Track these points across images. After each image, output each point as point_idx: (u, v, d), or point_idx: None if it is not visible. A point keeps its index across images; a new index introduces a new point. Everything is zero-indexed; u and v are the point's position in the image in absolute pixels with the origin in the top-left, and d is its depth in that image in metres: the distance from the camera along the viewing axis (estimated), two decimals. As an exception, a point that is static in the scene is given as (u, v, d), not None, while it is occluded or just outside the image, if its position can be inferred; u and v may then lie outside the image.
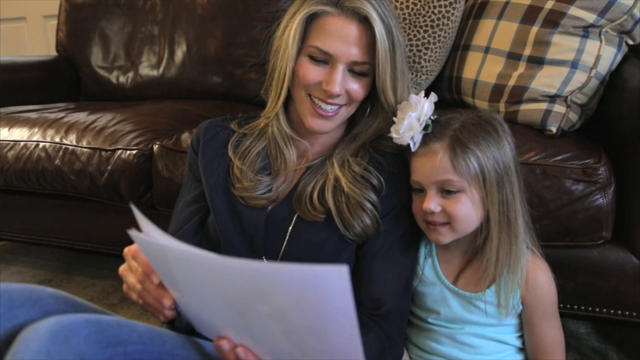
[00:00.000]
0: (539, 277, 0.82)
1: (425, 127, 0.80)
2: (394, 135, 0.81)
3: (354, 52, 0.79)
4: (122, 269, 0.71)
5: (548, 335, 0.84)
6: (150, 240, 0.53)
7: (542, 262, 0.85)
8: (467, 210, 0.79)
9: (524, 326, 0.86)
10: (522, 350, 0.88)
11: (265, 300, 0.50)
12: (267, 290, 0.48)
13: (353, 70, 0.81)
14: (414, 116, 0.79)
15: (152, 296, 0.66)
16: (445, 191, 0.79)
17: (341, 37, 0.78)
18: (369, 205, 0.82)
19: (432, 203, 0.79)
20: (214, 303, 0.55)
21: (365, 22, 0.78)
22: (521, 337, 0.87)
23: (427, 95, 0.82)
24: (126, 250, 0.70)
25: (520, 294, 0.82)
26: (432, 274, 0.87)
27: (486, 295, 0.83)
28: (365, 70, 0.82)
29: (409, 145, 0.81)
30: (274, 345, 0.56)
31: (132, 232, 0.53)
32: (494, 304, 0.83)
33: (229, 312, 0.55)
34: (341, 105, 0.83)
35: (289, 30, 0.81)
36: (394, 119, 0.82)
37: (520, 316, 0.86)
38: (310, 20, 0.81)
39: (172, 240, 0.54)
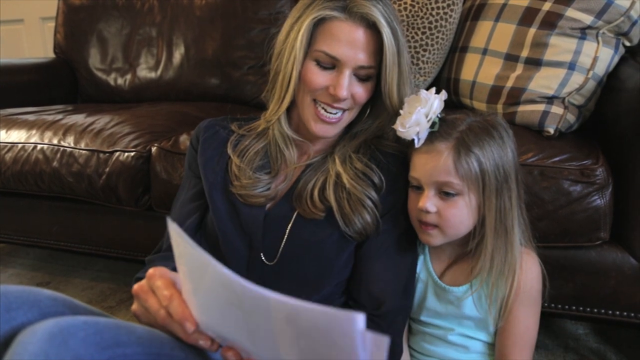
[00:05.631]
0: (524, 262, 0.81)
1: (432, 125, 0.80)
2: (399, 128, 0.80)
3: (361, 57, 0.79)
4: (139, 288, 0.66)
5: (521, 322, 0.82)
6: (194, 247, 0.52)
7: (531, 251, 0.84)
8: (461, 216, 0.79)
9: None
10: None
11: (278, 329, 0.49)
12: (281, 320, 0.48)
13: (358, 74, 0.82)
14: (422, 112, 0.78)
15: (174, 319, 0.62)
16: (444, 193, 0.78)
17: (349, 42, 0.78)
18: (369, 202, 0.82)
19: (429, 202, 0.78)
20: (230, 317, 0.55)
21: (372, 27, 0.79)
22: None
23: (437, 92, 0.81)
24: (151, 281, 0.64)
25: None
26: (423, 270, 0.88)
27: (473, 289, 0.82)
28: (370, 74, 0.82)
29: (412, 140, 0.80)
30: None
31: (174, 226, 0.53)
32: (481, 296, 0.83)
33: (244, 329, 0.54)
34: (345, 110, 0.84)
35: (295, 34, 0.81)
36: (400, 111, 0.81)
37: None
38: (317, 25, 0.80)
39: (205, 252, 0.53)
